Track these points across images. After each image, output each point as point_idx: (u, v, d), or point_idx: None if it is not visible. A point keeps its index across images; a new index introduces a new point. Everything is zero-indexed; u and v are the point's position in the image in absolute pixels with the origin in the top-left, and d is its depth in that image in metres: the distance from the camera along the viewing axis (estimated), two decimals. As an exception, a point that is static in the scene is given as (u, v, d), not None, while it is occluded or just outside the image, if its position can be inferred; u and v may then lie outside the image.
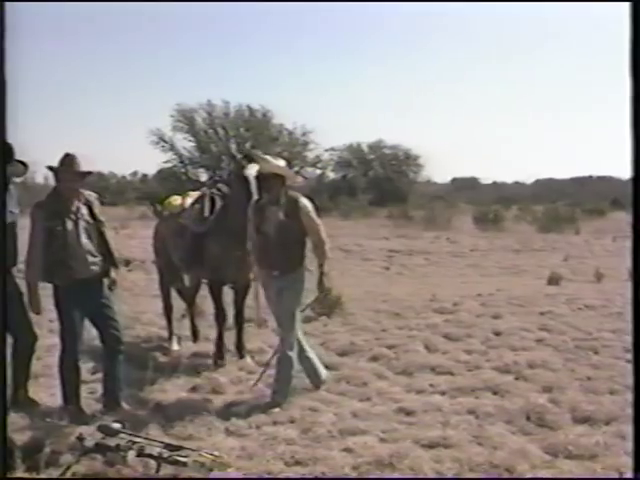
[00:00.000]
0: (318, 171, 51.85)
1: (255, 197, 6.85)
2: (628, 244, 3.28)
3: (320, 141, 49.17)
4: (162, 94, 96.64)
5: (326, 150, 51.23)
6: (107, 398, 6.28)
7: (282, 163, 6.61)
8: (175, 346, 8.54)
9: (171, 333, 8.75)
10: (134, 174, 62.18)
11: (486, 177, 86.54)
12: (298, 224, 6.40)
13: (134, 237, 23.20)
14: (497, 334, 9.16)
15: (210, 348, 8.07)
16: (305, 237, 6.49)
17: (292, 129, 48.21)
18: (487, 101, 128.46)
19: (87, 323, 6.22)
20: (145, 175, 58.95)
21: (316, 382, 6.76)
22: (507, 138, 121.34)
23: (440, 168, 56.37)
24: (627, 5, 3.10)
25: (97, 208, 6.19)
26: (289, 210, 6.39)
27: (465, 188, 66.12)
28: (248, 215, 6.55)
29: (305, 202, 6.49)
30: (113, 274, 6.31)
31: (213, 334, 8.09)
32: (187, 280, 8.87)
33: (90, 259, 6.07)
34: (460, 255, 22.31)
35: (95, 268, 6.12)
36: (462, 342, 8.78)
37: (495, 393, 6.62)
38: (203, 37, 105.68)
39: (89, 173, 6.04)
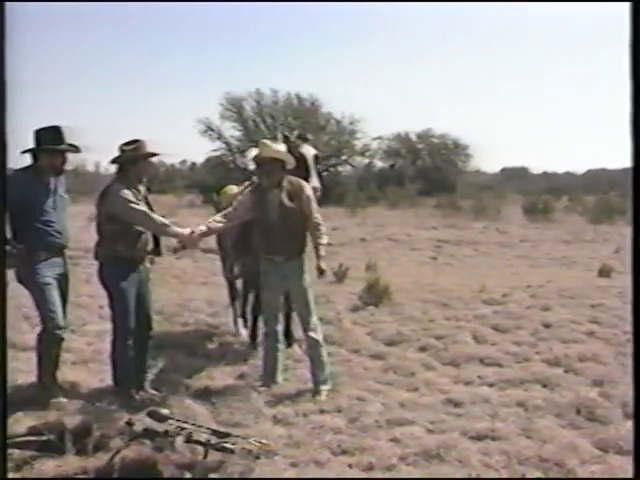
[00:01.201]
0: (366, 160, 51.72)
1: (314, 176, 7.00)
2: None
3: (368, 130, 49.10)
4: (211, 83, 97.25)
5: (374, 139, 51.03)
6: (135, 379, 6.41)
7: (282, 147, 6.64)
8: (242, 331, 8.59)
9: (236, 319, 8.78)
10: (183, 163, 62.60)
11: (536, 167, 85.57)
12: (300, 208, 6.42)
13: (183, 225, 23.28)
14: (547, 326, 9.05)
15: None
16: (307, 222, 6.49)
17: (340, 118, 48.16)
18: (538, 90, 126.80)
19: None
20: (194, 164, 59.33)
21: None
22: (558, 128, 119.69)
23: (489, 158, 56.08)
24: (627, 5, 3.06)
25: (148, 198, 6.42)
26: (292, 194, 6.42)
27: (515, 178, 65.31)
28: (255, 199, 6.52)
29: (307, 186, 6.56)
30: (147, 263, 6.42)
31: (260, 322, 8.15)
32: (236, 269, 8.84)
33: (146, 238, 6.28)
34: (509, 246, 22.07)
35: (147, 249, 6.33)
36: (511, 334, 8.69)
37: (544, 386, 6.55)
38: (253, 28, 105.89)
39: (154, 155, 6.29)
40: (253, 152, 6.81)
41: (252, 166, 7.13)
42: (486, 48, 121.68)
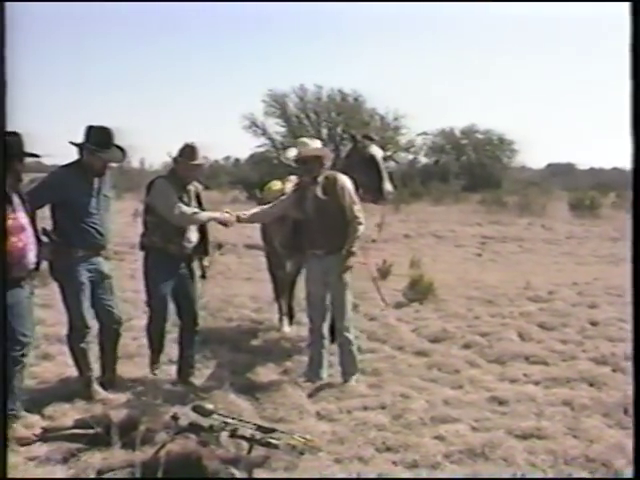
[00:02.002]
0: (410, 156, 51.44)
1: (386, 179, 7.06)
2: None
3: (412, 126, 48.79)
4: (255, 79, 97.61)
5: (418, 135, 50.60)
6: (180, 373, 6.62)
7: (319, 144, 6.64)
8: (286, 328, 8.62)
9: (282, 315, 8.79)
10: (227, 158, 62.79)
11: (583, 163, 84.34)
12: (337, 202, 6.42)
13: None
14: (594, 324, 8.94)
15: (300, 332, 8.13)
16: (344, 214, 6.46)
17: (384, 113, 47.90)
18: (585, 86, 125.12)
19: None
20: (237, 160, 59.48)
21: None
22: (605, 123, 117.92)
23: (535, 153, 55.33)
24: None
25: (202, 197, 6.65)
26: (327, 187, 6.43)
27: (561, 174, 64.49)
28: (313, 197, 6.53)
29: (342, 178, 6.53)
30: (206, 262, 6.70)
31: (304, 318, 8.15)
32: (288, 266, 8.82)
33: (191, 237, 6.45)
34: (555, 242, 21.79)
35: (191, 246, 6.49)
36: (557, 331, 8.60)
37: (591, 385, 6.46)
38: (296, 23, 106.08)
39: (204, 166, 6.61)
40: (292, 151, 6.81)
41: (292, 164, 7.12)
42: (533, 43, 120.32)
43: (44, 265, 6.09)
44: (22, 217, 5.29)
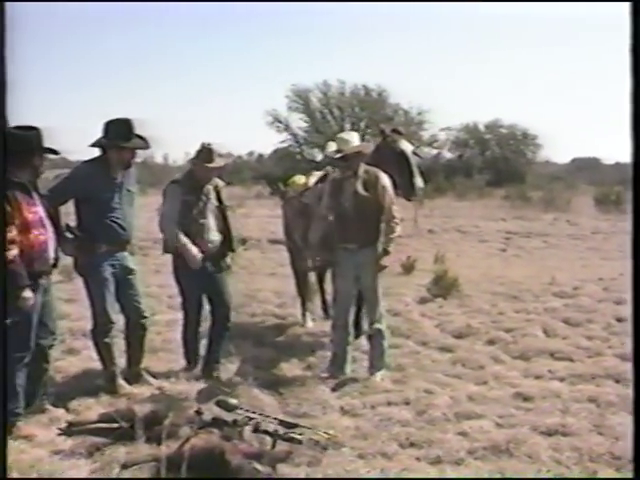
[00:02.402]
0: (434, 151, 51.25)
1: (417, 175, 7.08)
2: None
3: (436, 121, 48.59)
4: (279, 75, 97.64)
5: (442, 130, 50.40)
6: (206, 368, 6.64)
7: (356, 137, 6.59)
8: (309, 323, 8.62)
9: (305, 311, 8.78)
10: (250, 154, 62.91)
11: (608, 157, 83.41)
12: (375, 198, 6.41)
13: (250, 216, 23.57)
14: (619, 320, 8.83)
15: (323, 327, 8.13)
16: (381, 213, 6.46)
17: (408, 108, 47.75)
18: (609, 79, 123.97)
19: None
20: (261, 155, 59.61)
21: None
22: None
23: (560, 148, 54.83)
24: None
25: (223, 194, 6.67)
26: (368, 184, 6.41)
27: (586, 168, 63.89)
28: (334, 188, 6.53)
29: (384, 177, 6.51)
30: (228, 259, 6.75)
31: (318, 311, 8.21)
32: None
33: (211, 237, 6.49)
34: (580, 238, 21.61)
35: (214, 246, 6.52)
36: (582, 327, 8.52)
37: (617, 381, 6.40)
38: (319, 19, 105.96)
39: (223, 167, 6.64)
40: (332, 146, 6.78)
41: (325, 159, 7.09)
42: (557, 37, 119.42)
43: (68, 260, 6.14)
44: (41, 211, 5.31)
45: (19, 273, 5.03)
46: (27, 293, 5.08)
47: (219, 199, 6.61)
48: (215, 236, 6.54)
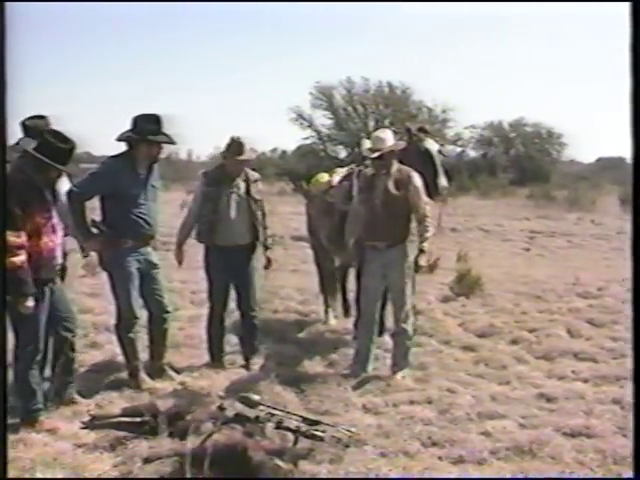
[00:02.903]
0: (458, 149, 51.05)
1: (442, 174, 7.05)
2: None
3: (460, 119, 48.38)
4: (303, 71, 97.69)
5: (466, 128, 50.15)
6: (247, 362, 6.77)
7: (391, 135, 6.56)
8: (332, 321, 8.60)
9: (327, 308, 8.76)
10: (273, 150, 62.91)
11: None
12: (406, 197, 6.39)
13: (273, 213, 23.32)
14: (645, 321, 8.75)
15: (345, 324, 8.12)
16: (411, 212, 6.45)
17: (432, 106, 47.60)
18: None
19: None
20: (284, 152, 59.59)
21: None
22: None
23: (585, 147, 54.31)
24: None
25: (255, 187, 6.75)
26: (399, 183, 6.39)
27: (611, 168, 63.25)
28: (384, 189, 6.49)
29: (417, 177, 6.49)
30: (268, 253, 6.89)
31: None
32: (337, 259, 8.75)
33: (234, 230, 6.55)
34: (605, 238, 21.46)
35: (238, 239, 6.58)
36: (607, 328, 8.44)
37: (642, 383, 6.34)
38: (344, 16, 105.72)
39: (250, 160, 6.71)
40: (367, 143, 6.75)
41: (349, 156, 7.11)
42: (582, 35, 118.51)
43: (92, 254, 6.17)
44: (54, 216, 5.31)
45: (25, 280, 5.03)
46: (29, 302, 5.08)
47: (248, 192, 6.65)
48: (240, 229, 6.58)
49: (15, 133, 5.53)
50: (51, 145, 5.12)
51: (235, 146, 6.47)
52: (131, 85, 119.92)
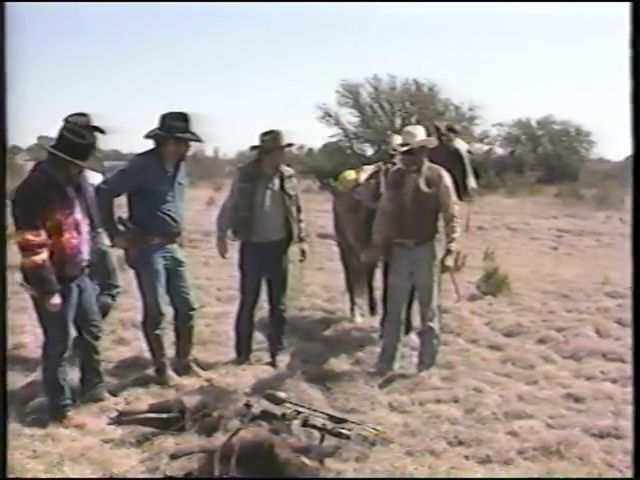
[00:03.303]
0: (485, 147, 50.77)
1: (471, 175, 7.01)
2: None
3: (487, 116, 48.12)
4: (329, 69, 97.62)
5: (493, 125, 49.86)
6: (273, 359, 6.80)
7: (422, 131, 6.52)
8: (358, 319, 8.59)
9: (353, 305, 8.76)
10: (300, 148, 62.89)
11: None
12: (436, 196, 6.37)
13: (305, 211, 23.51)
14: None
15: (371, 322, 8.12)
16: (439, 211, 6.43)
17: (459, 104, 47.37)
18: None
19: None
20: (311, 149, 59.63)
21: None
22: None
23: (613, 145, 53.81)
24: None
25: (289, 183, 6.74)
26: (430, 181, 6.37)
27: (640, 166, 62.82)
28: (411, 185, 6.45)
29: (447, 176, 6.46)
30: (304, 246, 6.95)
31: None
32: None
33: (269, 225, 6.57)
34: (634, 237, 21.23)
35: (273, 235, 6.62)
36: (636, 328, 8.34)
37: (672, 384, 6.27)
38: (371, 15, 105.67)
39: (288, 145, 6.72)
40: (397, 139, 6.73)
41: (377, 153, 7.09)
42: (609, 33, 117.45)
43: (119, 251, 6.20)
44: (77, 212, 5.32)
45: (48, 278, 5.07)
46: (55, 299, 5.13)
47: (283, 188, 6.67)
48: (275, 225, 6.61)
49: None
50: (69, 141, 5.13)
51: (276, 135, 6.49)
52: (155, 82, 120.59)
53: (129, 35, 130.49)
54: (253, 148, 6.63)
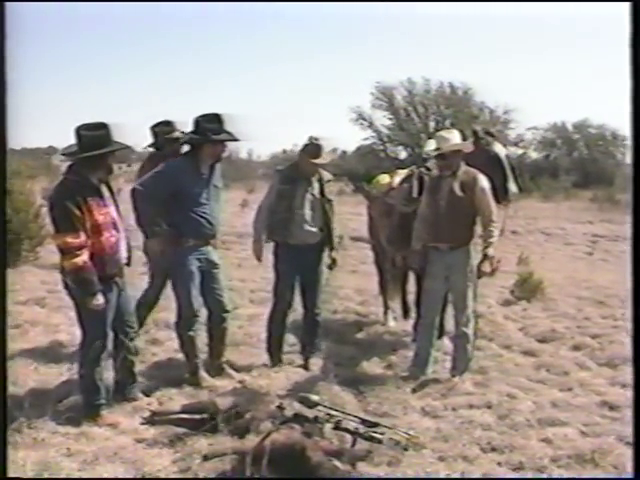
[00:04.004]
0: (520, 151, 50.42)
1: (511, 180, 6.94)
2: None
3: (522, 120, 47.82)
4: (363, 71, 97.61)
5: (528, 129, 49.58)
6: (305, 362, 6.78)
7: (457, 136, 6.48)
8: (391, 322, 8.57)
9: (387, 309, 8.73)
10: (334, 150, 63.00)
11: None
12: (472, 200, 6.32)
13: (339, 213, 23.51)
14: None
15: (404, 326, 8.11)
16: (476, 215, 6.38)
17: (493, 107, 47.13)
18: None
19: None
20: (344, 152, 59.64)
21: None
22: None
23: (651, 150, 52.84)
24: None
25: (328, 188, 6.73)
26: (465, 185, 6.32)
27: (678, 172, 62.07)
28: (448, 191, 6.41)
29: (483, 179, 6.39)
30: (334, 254, 6.83)
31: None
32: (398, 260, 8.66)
33: (307, 228, 6.57)
34: (671, 243, 20.97)
35: (310, 238, 6.61)
36: (673, 336, 8.24)
37: None
38: (403, 17, 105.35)
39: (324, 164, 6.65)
40: (431, 144, 6.70)
41: (410, 157, 7.06)
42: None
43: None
44: (113, 211, 5.36)
45: (89, 279, 5.11)
46: (98, 299, 5.17)
47: (322, 192, 6.66)
48: (312, 228, 6.60)
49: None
50: (86, 138, 5.18)
51: (312, 148, 6.47)
52: (190, 84, 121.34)
53: (153, 35, 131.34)
54: (299, 155, 6.66)
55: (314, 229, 6.61)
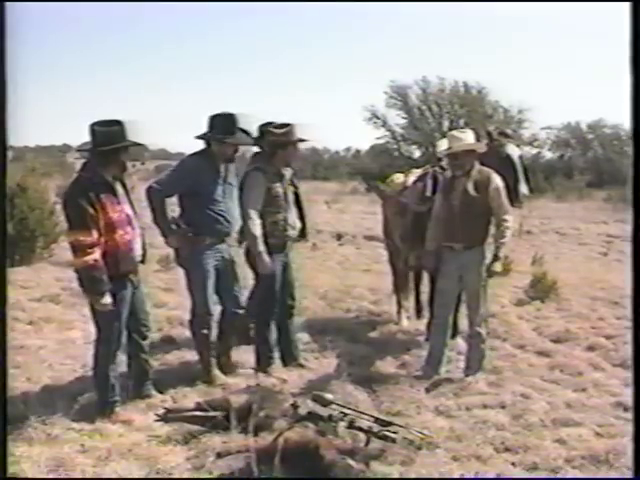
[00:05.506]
0: (534, 150, 50.26)
1: (523, 181, 6.91)
2: None
3: (537, 119, 47.64)
4: (378, 71, 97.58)
5: (542, 129, 49.38)
6: (284, 359, 6.74)
7: (470, 135, 6.46)
8: (404, 321, 8.54)
9: (400, 308, 8.70)
10: (347, 149, 63.02)
11: None
12: (485, 200, 6.30)
13: (346, 212, 23.57)
14: None
15: (418, 325, 8.10)
16: (490, 215, 6.36)
17: (508, 106, 46.97)
18: None
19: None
20: (358, 151, 59.64)
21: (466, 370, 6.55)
22: None
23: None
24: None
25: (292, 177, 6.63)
26: (479, 185, 6.30)
27: (693, 172, 61.70)
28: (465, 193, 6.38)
29: (497, 179, 6.37)
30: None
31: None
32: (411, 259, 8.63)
33: (294, 225, 6.57)
34: (686, 243, 20.84)
35: (294, 233, 6.61)
36: (688, 337, 8.20)
37: None
38: (418, 14, 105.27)
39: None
40: (444, 144, 6.68)
41: (423, 156, 7.04)
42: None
43: (166, 250, 6.23)
44: (127, 209, 5.38)
45: (98, 278, 5.12)
46: (106, 299, 5.18)
47: (294, 188, 6.64)
48: (297, 224, 6.60)
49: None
50: (100, 134, 5.20)
51: (291, 129, 6.38)
52: (205, 84, 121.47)
53: (156, 36, 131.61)
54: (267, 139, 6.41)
55: (298, 225, 6.61)
